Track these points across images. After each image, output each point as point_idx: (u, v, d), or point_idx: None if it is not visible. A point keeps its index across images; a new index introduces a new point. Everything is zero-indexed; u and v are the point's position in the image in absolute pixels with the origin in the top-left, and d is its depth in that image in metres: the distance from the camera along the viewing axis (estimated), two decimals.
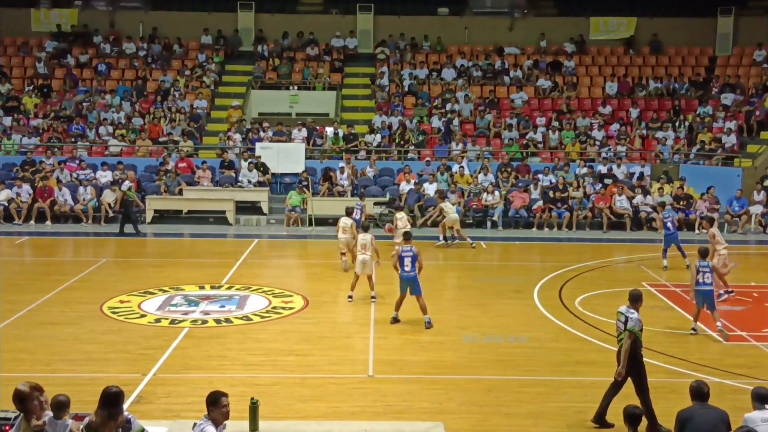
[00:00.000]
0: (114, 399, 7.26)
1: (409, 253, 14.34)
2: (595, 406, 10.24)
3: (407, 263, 14.27)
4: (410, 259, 14.27)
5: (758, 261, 22.10)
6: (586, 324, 14.74)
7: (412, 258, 14.27)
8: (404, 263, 14.30)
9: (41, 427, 7.44)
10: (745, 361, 12.73)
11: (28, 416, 7.44)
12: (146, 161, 28.10)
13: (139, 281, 17.64)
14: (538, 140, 29.71)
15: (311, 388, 11.41)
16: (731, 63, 33.45)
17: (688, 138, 29.70)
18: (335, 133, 29.49)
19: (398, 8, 34.91)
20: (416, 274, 14.31)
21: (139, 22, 34.66)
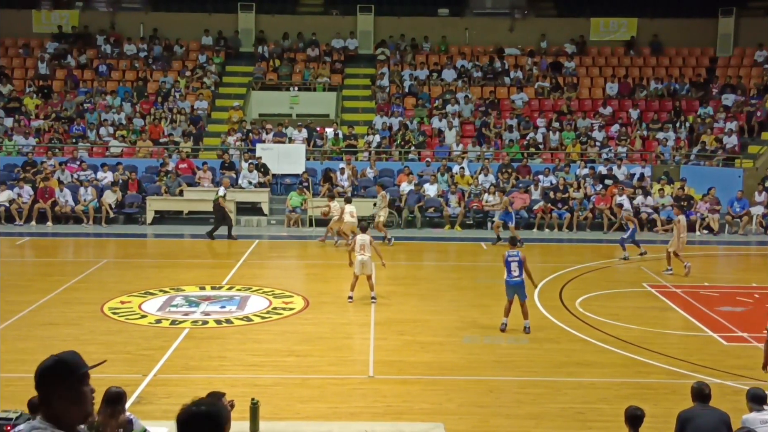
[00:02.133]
0: (116, 399, 7.26)
1: (515, 257, 14.10)
2: (595, 407, 10.24)
3: (514, 268, 14.02)
4: (517, 264, 14.04)
5: (759, 262, 22.09)
6: (587, 325, 14.73)
7: (518, 263, 14.06)
8: (511, 268, 14.03)
9: None
10: (745, 362, 12.71)
11: None
12: (147, 162, 28.11)
13: (139, 282, 17.65)
14: (539, 141, 29.71)
15: (311, 388, 11.42)
16: (732, 64, 33.45)
17: (689, 139, 29.71)
18: (335, 134, 29.51)
19: (398, 9, 34.93)
20: (523, 280, 14.07)
21: (139, 23, 34.69)
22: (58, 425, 3.60)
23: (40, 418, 3.65)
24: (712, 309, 16.12)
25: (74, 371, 3.72)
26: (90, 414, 3.74)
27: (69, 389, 3.66)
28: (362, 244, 15.96)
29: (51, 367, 3.71)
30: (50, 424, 3.60)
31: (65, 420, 3.64)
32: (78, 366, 3.75)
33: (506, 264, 14.13)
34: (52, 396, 3.65)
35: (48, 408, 3.65)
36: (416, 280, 19.02)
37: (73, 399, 3.67)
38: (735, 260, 23.14)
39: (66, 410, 3.65)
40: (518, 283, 14.10)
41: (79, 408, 3.70)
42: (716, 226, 25.15)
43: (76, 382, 3.70)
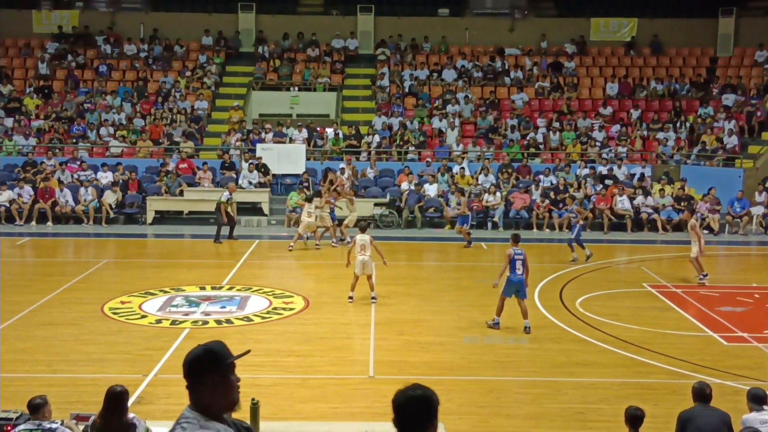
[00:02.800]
0: (118, 398, 7.26)
1: (521, 256, 14.17)
2: (596, 407, 10.24)
3: (518, 266, 14.09)
4: (521, 262, 14.12)
5: (759, 262, 22.08)
6: (587, 325, 14.73)
7: (522, 261, 14.14)
8: (515, 266, 14.08)
9: None
10: (746, 363, 12.72)
11: None
12: (147, 162, 28.12)
13: (139, 282, 17.65)
14: (539, 141, 29.71)
15: (312, 388, 11.42)
16: (732, 64, 33.46)
17: (689, 139, 29.71)
18: (336, 134, 29.52)
19: (399, 9, 34.95)
20: (524, 278, 14.17)
21: (139, 24, 34.70)
22: (206, 414, 3.71)
23: (189, 408, 3.77)
24: (712, 309, 16.12)
25: (221, 361, 3.81)
26: (236, 402, 3.85)
27: (216, 379, 3.76)
28: (362, 244, 15.96)
29: (198, 357, 3.82)
30: (199, 414, 3.71)
31: (213, 409, 3.75)
32: (224, 356, 3.84)
33: (512, 262, 14.14)
34: (199, 385, 3.76)
35: (196, 397, 3.76)
36: (416, 280, 19.02)
37: (219, 388, 3.77)
38: (735, 260, 23.13)
39: (213, 399, 3.75)
40: (522, 281, 14.15)
41: (226, 397, 3.80)
42: (716, 226, 25.15)
43: (222, 371, 3.79)
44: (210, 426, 3.68)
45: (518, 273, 14.10)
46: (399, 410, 3.89)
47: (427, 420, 3.85)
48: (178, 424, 3.72)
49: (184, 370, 3.80)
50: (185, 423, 3.70)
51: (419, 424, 3.86)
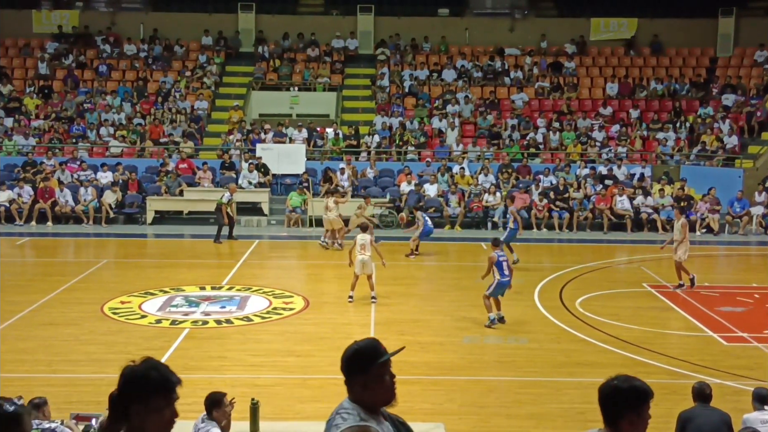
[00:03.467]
0: None
1: (505, 257, 14.56)
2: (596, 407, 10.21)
3: (505, 268, 14.42)
4: (506, 264, 14.49)
5: (759, 262, 22.08)
6: (587, 325, 14.73)
7: (507, 262, 14.55)
8: (503, 268, 14.38)
9: None
10: (746, 363, 12.73)
11: None
12: (147, 162, 28.12)
13: (139, 282, 17.64)
14: (539, 141, 29.71)
15: (312, 388, 11.41)
16: (732, 64, 33.45)
17: (689, 139, 29.70)
18: (336, 134, 29.52)
19: (398, 9, 34.94)
20: (510, 279, 14.56)
21: (139, 24, 34.68)
22: (364, 407, 3.83)
23: (348, 400, 3.88)
24: (712, 309, 16.12)
25: (375, 359, 3.88)
26: (392, 399, 3.94)
27: (370, 377, 3.84)
28: (363, 244, 15.95)
29: (353, 355, 3.92)
30: (358, 407, 3.82)
31: (368, 405, 3.85)
32: (378, 354, 3.92)
33: (498, 265, 14.38)
34: (354, 383, 3.87)
35: (353, 392, 3.87)
36: (416, 280, 19.04)
37: (374, 386, 3.85)
38: (735, 260, 23.13)
39: (369, 395, 3.85)
40: (507, 283, 14.50)
41: (381, 394, 3.88)
42: (716, 226, 25.15)
43: (377, 370, 3.86)
44: (368, 419, 3.78)
45: (507, 275, 14.41)
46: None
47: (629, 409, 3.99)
48: (338, 414, 3.84)
49: (341, 367, 3.91)
50: (345, 414, 3.81)
51: None
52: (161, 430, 3.37)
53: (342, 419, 3.78)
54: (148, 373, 3.35)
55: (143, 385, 3.33)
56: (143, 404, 3.32)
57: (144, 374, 3.35)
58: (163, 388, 3.36)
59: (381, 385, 3.85)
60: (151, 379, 3.34)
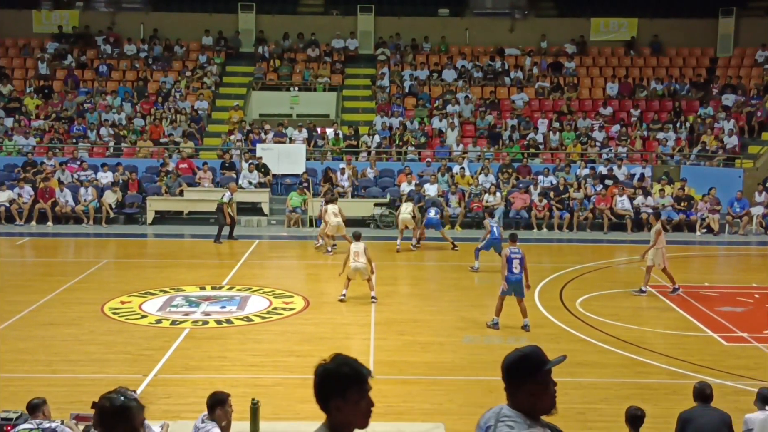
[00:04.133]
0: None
1: (517, 255, 14.16)
2: (596, 407, 10.24)
3: (516, 265, 14.07)
4: (518, 261, 14.10)
5: (759, 262, 22.08)
6: (587, 325, 14.74)
7: (520, 260, 14.12)
8: (512, 265, 14.05)
9: None
10: (746, 363, 12.73)
11: None
12: (147, 162, 28.13)
13: (139, 282, 17.65)
14: (539, 141, 29.71)
15: (312, 389, 11.39)
16: (732, 64, 33.45)
17: (689, 139, 29.70)
18: (336, 134, 29.52)
19: (399, 9, 34.95)
20: (522, 277, 14.14)
21: (139, 24, 34.69)
22: (527, 415, 3.84)
23: (509, 407, 3.88)
24: (712, 309, 16.12)
25: (539, 368, 3.87)
26: (552, 407, 3.92)
27: (533, 385, 3.84)
28: (356, 251, 15.96)
29: (517, 363, 3.90)
30: (521, 414, 3.83)
31: (530, 412, 3.86)
32: (542, 362, 3.89)
33: (508, 261, 14.12)
34: (517, 390, 3.87)
35: (515, 400, 3.87)
36: (417, 280, 19.05)
37: (537, 394, 3.86)
38: (735, 260, 23.12)
39: (531, 403, 3.85)
40: (519, 280, 14.14)
41: (543, 401, 3.88)
42: (716, 226, 25.14)
43: (540, 378, 3.87)
44: (534, 426, 3.80)
45: (515, 272, 14.08)
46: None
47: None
48: (501, 422, 3.82)
49: (503, 374, 3.90)
50: (510, 422, 3.80)
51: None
52: (360, 419, 3.61)
53: (508, 427, 3.77)
54: (340, 369, 3.62)
55: (338, 381, 3.61)
56: (341, 398, 3.58)
57: (337, 370, 3.63)
58: (357, 381, 3.59)
59: (546, 393, 3.87)
60: (344, 374, 3.61)
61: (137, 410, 3.72)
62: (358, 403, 3.58)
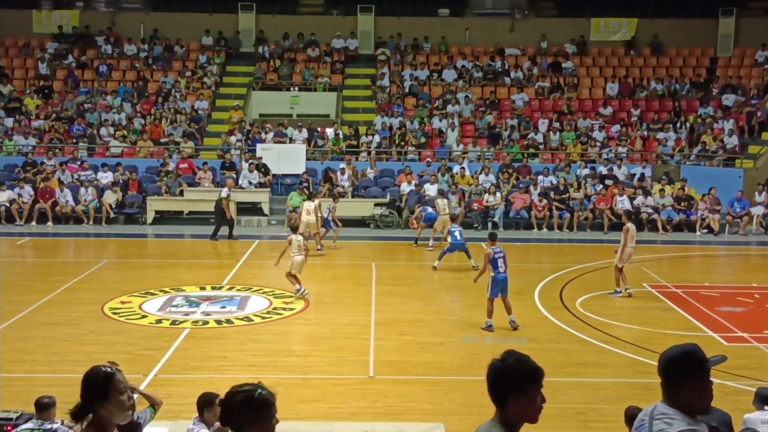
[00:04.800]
0: None
1: (500, 254, 14.23)
2: (596, 408, 10.23)
3: (500, 264, 14.15)
4: (502, 260, 14.19)
5: (759, 262, 22.09)
6: (587, 325, 14.74)
7: (503, 258, 14.21)
8: (497, 264, 14.14)
9: None
10: (746, 363, 12.72)
11: None
12: (147, 162, 28.13)
13: (140, 282, 17.65)
14: (539, 141, 29.71)
15: (312, 389, 11.42)
16: (732, 64, 33.45)
17: (689, 139, 29.70)
18: (336, 134, 29.52)
19: (399, 9, 34.94)
20: (507, 275, 14.23)
21: (140, 24, 34.69)
22: (685, 412, 3.82)
23: (664, 404, 3.88)
24: (712, 309, 16.13)
25: (702, 365, 3.90)
26: (709, 406, 3.93)
27: (694, 383, 3.85)
28: (299, 245, 16.55)
29: (679, 359, 3.93)
30: (679, 412, 3.81)
31: (689, 410, 3.84)
32: (705, 360, 3.90)
33: (493, 261, 14.20)
34: (678, 386, 3.86)
35: (674, 397, 3.86)
36: (417, 280, 19.04)
37: (697, 391, 3.86)
38: (735, 260, 23.12)
39: (690, 400, 3.85)
40: (505, 279, 14.21)
41: (702, 400, 3.88)
42: (716, 226, 25.14)
43: (702, 376, 3.88)
44: (696, 424, 3.80)
45: (501, 271, 14.15)
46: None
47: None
48: (658, 420, 3.81)
49: (662, 370, 3.92)
50: (668, 419, 3.78)
51: None
52: (534, 414, 3.75)
53: (666, 424, 3.76)
54: (521, 366, 3.75)
55: (520, 376, 3.72)
56: (522, 393, 3.70)
57: (518, 366, 3.75)
58: (534, 377, 3.73)
59: (704, 391, 3.87)
60: (524, 370, 3.73)
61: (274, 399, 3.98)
62: (535, 398, 3.70)
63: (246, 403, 3.84)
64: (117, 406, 3.86)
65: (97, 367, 3.95)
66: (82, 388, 3.87)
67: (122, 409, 3.88)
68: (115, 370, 3.95)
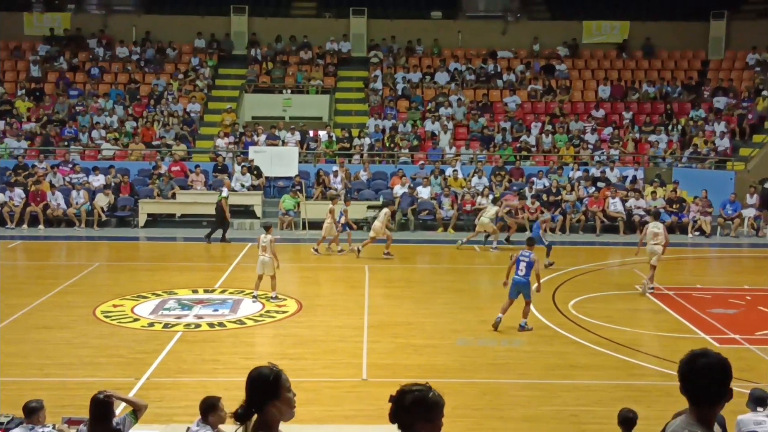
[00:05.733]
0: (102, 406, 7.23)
1: (525, 258, 14.42)
2: (590, 410, 10.24)
3: (522, 267, 14.36)
4: (525, 264, 14.35)
5: (751, 264, 22.17)
6: (580, 327, 14.75)
7: (527, 263, 14.36)
8: (519, 267, 14.39)
9: None
10: (738, 365, 12.57)
11: None
12: (139, 165, 28.07)
13: (132, 285, 17.60)
14: (532, 144, 29.75)
15: (305, 392, 11.37)
16: (724, 67, 33.57)
17: (681, 141, 29.79)
18: (329, 137, 29.51)
19: (391, 12, 34.94)
20: (528, 280, 14.34)
21: (132, 26, 34.61)
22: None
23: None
24: (704, 311, 16.17)
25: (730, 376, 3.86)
26: None
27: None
28: (264, 245, 16.28)
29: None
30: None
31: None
32: None
33: (516, 262, 14.46)
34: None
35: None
36: (410, 282, 19.03)
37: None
38: (727, 262, 23.17)
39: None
40: (521, 282, 14.36)
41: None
42: (708, 228, 25.21)
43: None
44: None
45: (519, 274, 14.33)
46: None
47: None
48: None
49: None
50: None
51: None
52: None
53: None
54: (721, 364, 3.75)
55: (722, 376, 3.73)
56: None
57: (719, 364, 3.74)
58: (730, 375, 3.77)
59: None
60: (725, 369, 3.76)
61: None
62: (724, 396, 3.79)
63: (419, 403, 3.95)
64: (287, 404, 3.97)
65: (263, 367, 4.06)
66: (249, 389, 4.01)
67: (291, 406, 3.99)
68: (280, 369, 4.02)
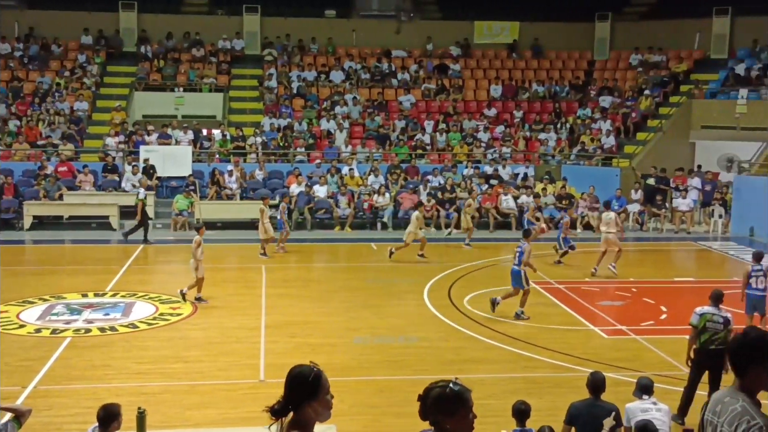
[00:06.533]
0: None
1: (519, 249, 15.50)
2: (484, 403, 10.39)
3: (515, 257, 15.54)
4: (517, 255, 15.48)
5: (635, 258, 23.01)
6: (475, 322, 15.02)
7: (518, 253, 15.42)
8: (515, 257, 15.55)
9: None
10: (625, 355, 13.24)
11: None
12: (24, 165, 27.03)
13: (17, 290, 16.92)
14: (426, 142, 30.09)
15: (200, 395, 11.22)
16: (608, 67, 34.76)
17: (569, 139, 30.69)
18: (223, 136, 29.10)
19: (285, 10, 34.69)
20: (519, 269, 15.25)
21: (14, 21, 33.26)
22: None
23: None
24: (593, 304, 16.72)
25: None
26: None
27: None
28: None
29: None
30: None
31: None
32: None
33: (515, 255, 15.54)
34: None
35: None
36: (306, 282, 18.98)
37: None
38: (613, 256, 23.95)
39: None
40: (513, 271, 15.40)
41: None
42: (596, 223, 26.00)
43: None
44: None
45: (513, 263, 15.45)
46: None
47: None
48: None
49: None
50: None
51: None
52: None
53: None
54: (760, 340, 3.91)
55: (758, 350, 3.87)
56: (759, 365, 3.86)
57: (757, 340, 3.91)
58: None
59: None
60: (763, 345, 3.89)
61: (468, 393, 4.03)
62: None
63: (439, 399, 3.95)
64: (324, 405, 3.97)
65: (304, 366, 3.99)
66: (288, 386, 3.92)
67: (328, 408, 3.99)
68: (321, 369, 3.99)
